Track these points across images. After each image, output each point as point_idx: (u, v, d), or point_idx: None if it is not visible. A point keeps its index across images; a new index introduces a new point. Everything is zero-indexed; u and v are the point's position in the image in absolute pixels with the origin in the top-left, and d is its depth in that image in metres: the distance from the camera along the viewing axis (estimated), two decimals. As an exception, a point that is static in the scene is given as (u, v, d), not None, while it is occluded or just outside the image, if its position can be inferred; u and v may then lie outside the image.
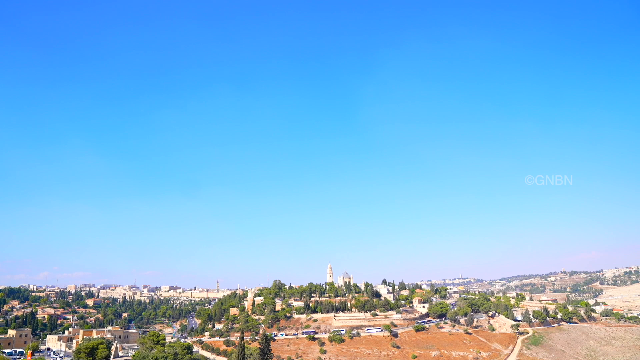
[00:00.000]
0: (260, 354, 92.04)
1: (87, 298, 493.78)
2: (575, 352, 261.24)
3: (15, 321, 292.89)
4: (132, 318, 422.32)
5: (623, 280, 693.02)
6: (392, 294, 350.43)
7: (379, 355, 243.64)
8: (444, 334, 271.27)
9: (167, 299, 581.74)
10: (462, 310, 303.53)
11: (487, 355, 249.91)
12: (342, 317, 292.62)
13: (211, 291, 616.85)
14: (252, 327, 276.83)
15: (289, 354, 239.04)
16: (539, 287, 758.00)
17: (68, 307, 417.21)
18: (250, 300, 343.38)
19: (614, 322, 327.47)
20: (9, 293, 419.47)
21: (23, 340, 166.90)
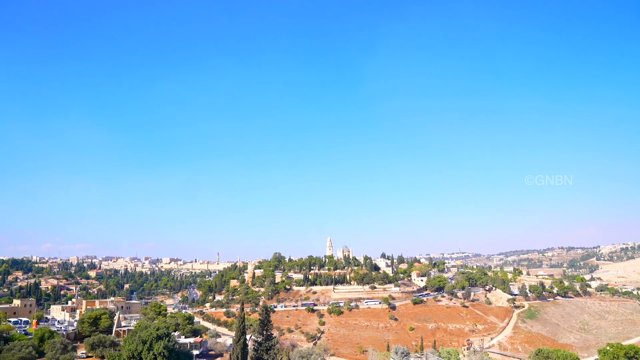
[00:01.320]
0: (260, 324, 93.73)
1: (89, 269, 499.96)
2: (569, 326, 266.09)
3: (20, 291, 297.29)
4: (133, 289, 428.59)
5: (619, 256, 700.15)
6: (391, 268, 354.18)
7: (377, 327, 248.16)
8: (441, 307, 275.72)
9: (168, 270, 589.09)
10: (460, 284, 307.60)
11: (483, 328, 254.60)
12: (341, 290, 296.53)
13: (212, 263, 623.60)
14: (252, 299, 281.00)
15: (288, 325, 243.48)
16: (536, 262, 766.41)
17: (71, 278, 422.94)
18: (250, 273, 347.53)
19: (608, 296, 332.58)
20: (13, 264, 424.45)
21: (28, 310, 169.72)
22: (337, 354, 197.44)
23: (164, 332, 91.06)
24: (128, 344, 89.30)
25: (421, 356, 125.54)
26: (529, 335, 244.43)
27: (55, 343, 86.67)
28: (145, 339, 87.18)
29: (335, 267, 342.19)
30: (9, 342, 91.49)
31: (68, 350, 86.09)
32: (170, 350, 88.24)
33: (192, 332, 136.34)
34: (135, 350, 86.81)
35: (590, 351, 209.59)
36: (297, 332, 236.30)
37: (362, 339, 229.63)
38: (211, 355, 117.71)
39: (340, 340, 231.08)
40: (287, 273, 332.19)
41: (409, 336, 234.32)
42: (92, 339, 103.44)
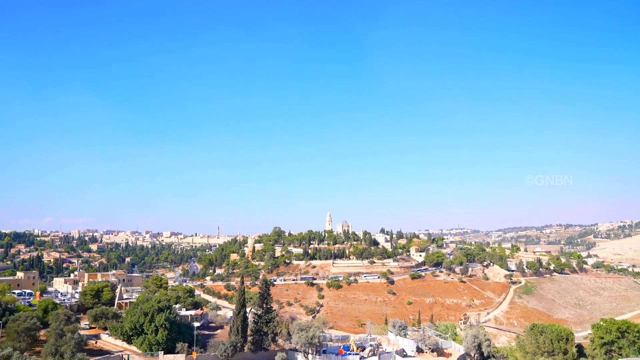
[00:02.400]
0: (260, 298, 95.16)
1: (90, 243, 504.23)
2: (565, 302, 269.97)
3: (23, 264, 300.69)
4: (135, 262, 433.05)
5: (616, 234, 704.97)
6: (390, 243, 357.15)
7: (375, 301, 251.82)
8: (439, 282, 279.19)
9: (168, 244, 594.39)
10: (458, 259, 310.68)
11: (480, 302, 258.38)
12: (340, 264, 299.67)
13: (212, 237, 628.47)
14: (252, 273, 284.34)
15: (288, 299, 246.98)
16: (534, 239, 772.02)
17: (72, 251, 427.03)
18: (250, 247, 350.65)
19: (604, 273, 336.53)
20: (15, 237, 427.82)
21: (31, 282, 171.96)
22: (336, 327, 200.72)
23: (165, 304, 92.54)
24: (130, 316, 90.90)
25: (418, 330, 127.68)
26: (524, 311, 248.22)
27: (59, 314, 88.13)
28: (147, 311, 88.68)
29: (335, 241, 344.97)
30: (13, 313, 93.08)
31: (71, 321, 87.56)
32: (171, 322, 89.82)
33: (193, 304, 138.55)
34: (137, 322, 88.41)
35: (584, 326, 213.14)
36: (296, 306, 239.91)
37: (361, 313, 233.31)
38: (212, 327, 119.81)
39: (339, 313, 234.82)
40: (286, 247, 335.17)
41: (406, 310, 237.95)
42: (95, 310, 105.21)
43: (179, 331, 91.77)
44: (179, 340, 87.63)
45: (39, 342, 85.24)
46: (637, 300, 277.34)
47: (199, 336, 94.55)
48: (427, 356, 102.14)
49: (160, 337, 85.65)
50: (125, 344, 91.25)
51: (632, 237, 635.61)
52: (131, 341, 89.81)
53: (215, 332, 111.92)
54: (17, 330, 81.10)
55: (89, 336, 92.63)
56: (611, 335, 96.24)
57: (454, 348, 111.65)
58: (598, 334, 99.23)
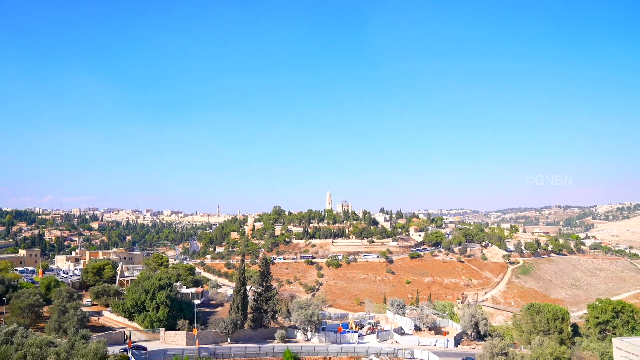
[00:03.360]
0: (260, 276, 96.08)
1: (91, 221, 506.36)
2: (561, 282, 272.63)
3: (25, 242, 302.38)
4: (135, 241, 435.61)
5: (615, 215, 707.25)
6: (389, 222, 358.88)
7: (374, 280, 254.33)
8: (437, 262, 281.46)
9: (169, 222, 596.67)
10: (457, 239, 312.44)
11: (477, 282, 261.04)
12: (339, 243, 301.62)
13: (212, 216, 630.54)
14: (252, 251, 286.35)
15: (287, 277, 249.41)
16: (533, 220, 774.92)
17: (74, 229, 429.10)
18: (250, 225, 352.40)
19: (601, 254, 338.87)
20: (16, 215, 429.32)
21: (33, 260, 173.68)
22: (335, 305, 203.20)
23: (166, 282, 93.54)
24: (131, 294, 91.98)
25: (416, 308, 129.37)
26: (522, 290, 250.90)
27: (61, 291, 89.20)
28: (148, 288, 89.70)
29: (335, 221, 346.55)
30: (16, 290, 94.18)
31: (74, 298, 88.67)
32: (172, 299, 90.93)
33: (194, 282, 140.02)
34: (139, 299, 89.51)
35: (580, 306, 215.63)
36: (296, 284, 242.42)
37: (360, 291, 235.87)
38: (212, 305, 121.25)
39: (338, 292, 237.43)
40: (286, 226, 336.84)
41: (405, 289, 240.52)
42: (97, 288, 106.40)
43: (180, 308, 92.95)
44: (180, 317, 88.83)
45: (42, 318, 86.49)
46: (632, 281, 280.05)
47: (200, 313, 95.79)
48: (425, 334, 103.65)
49: (162, 314, 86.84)
50: (127, 320, 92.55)
51: (630, 219, 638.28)
52: (133, 318, 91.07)
53: (215, 309, 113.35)
54: (20, 307, 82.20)
55: (91, 313, 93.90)
56: (606, 315, 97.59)
57: (451, 327, 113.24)
58: (593, 313, 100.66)
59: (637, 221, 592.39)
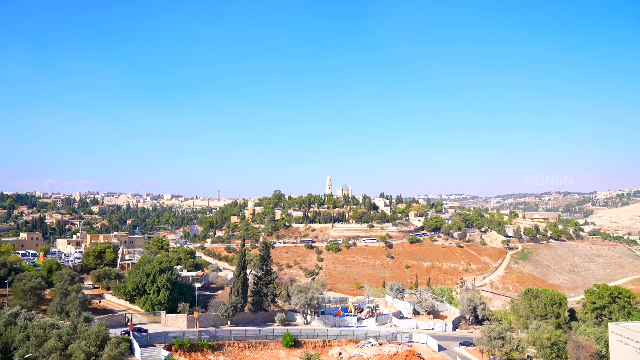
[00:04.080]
0: (261, 260, 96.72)
1: (92, 205, 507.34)
2: (559, 267, 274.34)
3: (26, 225, 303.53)
4: (136, 224, 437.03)
5: (614, 202, 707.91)
6: (389, 207, 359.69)
7: (374, 265, 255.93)
8: (437, 247, 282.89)
9: (169, 206, 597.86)
10: (456, 224, 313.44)
11: (476, 267, 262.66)
12: (339, 228, 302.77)
13: (212, 200, 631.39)
14: (253, 235, 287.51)
15: (287, 261, 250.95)
16: (532, 205, 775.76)
17: (74, 213, 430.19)
18: (250, 209, 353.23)
19: (600, 240, 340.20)
20: (17, 199, 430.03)
21: (35, 243, 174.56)
22: (335, 289, 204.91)
23: (166, 265, 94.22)
24: (132, 277, 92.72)
25: (415, 293, 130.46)
26: (520, 276, 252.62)
27: (63, 274, 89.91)
28: (149, 272, 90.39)
29: (335, 205, 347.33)
30: (19, 272, 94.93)
31: (75, 281, 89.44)
32: (173, 282, 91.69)
33: (194, 266, 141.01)
34: (140, 283, 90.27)
35: (578, 291, 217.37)
36: (295, 268, 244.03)
37: (359, 276, 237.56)
38: (212, 288, 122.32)
39: (337, 276, 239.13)
40: (286, 210, 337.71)
41: (404, 274, 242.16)
42: (98, 271, 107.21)
43: (181, 291, 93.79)
44: (181, 300, 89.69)
45: (44, 300, 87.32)
46: (630, 267, 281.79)
47: (200, 296, 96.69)
48: (424, 318, 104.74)
49: (162, 297, 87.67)
50: (128, 303, 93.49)
51: (629, 205, 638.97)
52: (134, 301, 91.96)
53: (216, 292, 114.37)
54: (23, 289, 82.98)
55: (92, 296, 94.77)
56: (603, 300, 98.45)
57: (450, 311, 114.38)
58: (590, 299, 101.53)
59: (636, 208, 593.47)
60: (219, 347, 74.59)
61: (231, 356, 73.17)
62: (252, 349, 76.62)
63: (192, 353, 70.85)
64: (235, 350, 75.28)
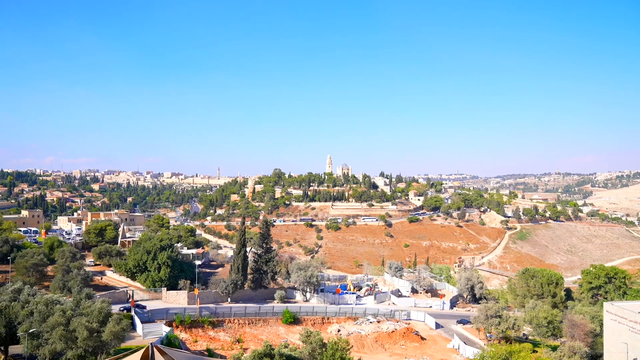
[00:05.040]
0: (261, 238, 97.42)
1: (92, 183, 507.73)
2: (557, 248, 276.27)
3: (27, 203, 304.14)
4: (136, 202, 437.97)
5: (614, 183, 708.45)
6: (389, 186, 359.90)
7: (373, 243, 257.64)
8: (436, 226, 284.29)
9: (169, 184, 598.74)
10: (456, 204, 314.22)
11: (475, 247, 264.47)
12: (339, 206, 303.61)
13: (212, 178, 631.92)
14: (252, 213, 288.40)
15: (287, 239, 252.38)
16: (532, 186, 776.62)
17: (75, 191, 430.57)
18: (250, 188, 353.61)
19: (598, 221, 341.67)
20: (17, 176, 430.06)
21: (36, 221, 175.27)
22: (334, 267, 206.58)
23: (167, 243, 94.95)
24: (133, 254, 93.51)
25: (414, 271, 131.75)
26: (518, 255, 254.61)
27: (65, 251, 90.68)
28: (150, 249, 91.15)
29: (334, 184, 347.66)
30: (21, 249, 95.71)
31: (77, 258, 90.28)
32: (173, 260, 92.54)
33: (194, 243, 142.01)
34: (141, 260, 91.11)
35: (575, 272, 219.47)
36: (295, 246, 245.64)
37: (358, 254, 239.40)
38: (213, 265, 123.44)
39: (337, 254, 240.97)
40: (286, 189, 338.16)
41: (403, 252, 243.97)
42: (99, 248, 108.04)
43: (181, 269, 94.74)
44: (181, 277, 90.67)
45: (46, 277, 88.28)
46: (627, 247, 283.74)
47: (201, 274, 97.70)
48: (422, 296, 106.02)
49: (163, 274, 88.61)
50: (129, 280, 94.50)
51: (629, 187, 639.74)
52: (135, 278, 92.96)
53: (216, 270, 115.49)
54: (25, 266, 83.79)
55: (94, 272, 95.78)
56: (599, 280, 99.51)
57: (448, 289, 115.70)
58: (587, 279, 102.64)
59: (635, 189, 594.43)
60: (219, 324, 75.75)
61: (231, 332, 74.35)
62: (252, 326, 77.81)
63: (192, 329, 72.00)
64: (235, 326, 76.45)
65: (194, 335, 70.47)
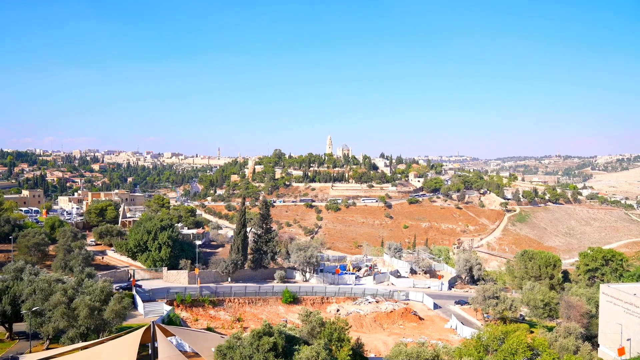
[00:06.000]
0: (261, 218, 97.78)
1: (92, 163, 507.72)
2: (556, 230, 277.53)
3: (27, 182, 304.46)
4: (137, 182, 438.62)
5: (614, 166, 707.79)
6: (389, 168, 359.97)
7: (373, 224, 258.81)
8: (435, 208, 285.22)
9: (169, 165, 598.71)
10: (455, 186, 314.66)
11: (474, 228, 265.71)
12: (339, 187, 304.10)
13: (212, 158, 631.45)
14: (253, 194, 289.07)
15: (287, 220, 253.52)
16: (532, 169, 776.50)
17: (75, 171, 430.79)
18: (250, 168, 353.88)
19: (597, 204, 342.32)
20: (17, 156, 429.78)
21: (37, 201, 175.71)
22: (333, 248, 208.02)
23: (167, 223, 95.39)
24: (134, 234, 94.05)
25: (413, 252, 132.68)
26: (516, 238, 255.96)
27: (66, 231, 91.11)
28: (150, 229, 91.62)
29: (335, 165, 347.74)
30: (22, 229, 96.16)
31: (78, 238, 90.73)
32: (174, 240, 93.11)
33: (195, 224, 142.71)
34: (141, 240, 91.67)
35: (572, 254, 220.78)
36: (295, 226, 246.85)
37: (358, 235, 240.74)
38: (213, 245, 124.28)
39: (336, 235, 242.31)
40: (286, 169, 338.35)
41: (402, 234, 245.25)
42: (100, 228, 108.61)
43: (182, 248, 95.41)
44: (182, 257, 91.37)
45: (48, 256, 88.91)
46: (625, 230, 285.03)
47: (201, 254, 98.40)
48: (420, 277, 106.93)
49: (164, 254, 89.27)
50: (130, 259, 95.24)
51: (629, 170, 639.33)
52: (136, 257, 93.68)
53: (216, 250, 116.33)
54: (27, 245, 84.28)
55: (95, 252, 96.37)
56: (596, 263, 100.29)
57: (446, 270, 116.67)
58: (584, 261, 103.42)
59: (635, 173, 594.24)
60: (220, 303, 76.58)
61: (231, 312, 75.22)
62: (252, 305, 78.66)
63: (193, 308, 72.81)
64: (235, 306, 77.29)
65: (194, 314, 71.30)
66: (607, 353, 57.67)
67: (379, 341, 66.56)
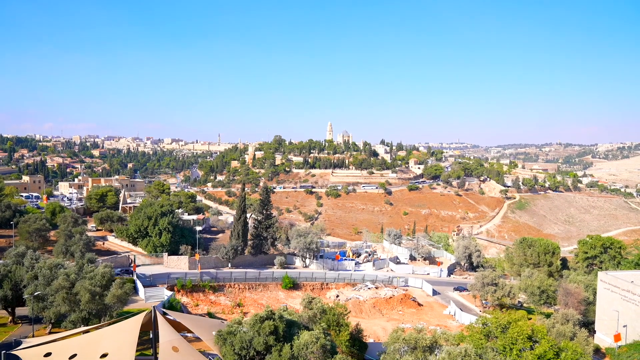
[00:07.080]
0: (261, 204, 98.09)
1: (92, 149, 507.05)
2: (555, 218, 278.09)
3: (27, 168, 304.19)
4: (137, 168, 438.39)
5: (615, 155, 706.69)
6: (390, 154, 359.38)
7: (373, 211, 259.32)
8: (435, 194, 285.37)
9: (169, 151, 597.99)
10: (456, 173, 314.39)
11: (474, 216, 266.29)
12: (339, 174, 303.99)
13: (212, 144, 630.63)
14: (253, 180, 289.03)
15: (287, 206, 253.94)
16: (532, 156, 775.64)
17: (75, 156, 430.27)
18: (251, 154, 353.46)
19: (597, 192, 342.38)
20: (17, 142, 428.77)
21: (37, 186, 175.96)
22: (333, 234, 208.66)
23: (168, 209, 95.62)
24: (134, 220, 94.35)
25: (412, 239, 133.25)
26: (516, 225, 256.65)
27: (67, 217, 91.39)
28: (151, 215, 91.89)
29: (335, 151, 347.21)
30: (23, 215, 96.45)
31: (79, 223, 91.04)
32: (174, 225, 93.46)
33: (195, 209, 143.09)
34: (142, 225, 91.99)
35: (571, 241, 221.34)
36: (295, 213, 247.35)
37: (358, 221, 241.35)
38: (213, 231, 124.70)
39: (336, 221, 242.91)
40: (287, 156, 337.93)
41: (402, 220, 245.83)
42: (101, 214, 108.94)
43: (182, 234, 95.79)
44: (182, 242, 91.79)
45: (49, 242, 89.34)
46: (624, 219, 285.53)
47: (201, 239, 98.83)
48: (420, 264, 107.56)
49: (164, 240, 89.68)
50: (130, 245, 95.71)
51: (629, 158, 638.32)
52: (136, 243, 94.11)
53: (216, 236, 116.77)
54: (28, 231, 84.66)
55: (96, 237, 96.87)
56: (594, 250, 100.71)
57: (446, 257, 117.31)
58: (583, 248, 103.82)
59: (635, 161, 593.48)
60: (220, 288, 77.19)
61: (232, 297, 75.82)
62: (252, 290, 79.28)
63: (194, 293, 73.42)
64: (235, 291, 77.91)
65: (195, 299, 71.90)
66: (604, 339, 58.28)
67: (378, 327, 67.22)
